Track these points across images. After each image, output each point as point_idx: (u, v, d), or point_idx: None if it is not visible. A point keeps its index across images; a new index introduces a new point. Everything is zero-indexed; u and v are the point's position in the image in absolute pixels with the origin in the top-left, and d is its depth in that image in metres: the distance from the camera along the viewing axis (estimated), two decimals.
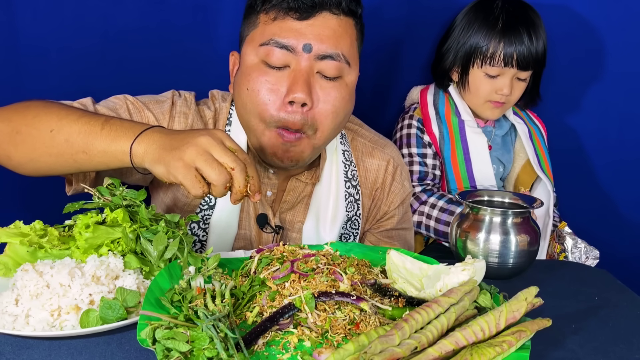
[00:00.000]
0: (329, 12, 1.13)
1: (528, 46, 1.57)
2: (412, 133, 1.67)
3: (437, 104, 1.70)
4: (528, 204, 1.21)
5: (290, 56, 1.12)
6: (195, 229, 1.25)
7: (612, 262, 1.67)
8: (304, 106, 1.12)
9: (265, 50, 1.13)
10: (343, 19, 1.15)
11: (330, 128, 1.17)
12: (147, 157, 0.98)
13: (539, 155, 1.74)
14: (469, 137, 1.66)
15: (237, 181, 0.94)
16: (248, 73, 1.15)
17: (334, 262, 0.99)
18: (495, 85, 1.61)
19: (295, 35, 1.11)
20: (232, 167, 0.93)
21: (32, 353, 0.81)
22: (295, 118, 1.12)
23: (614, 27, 1.81)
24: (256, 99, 1.14)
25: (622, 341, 0.92)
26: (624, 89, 1.87)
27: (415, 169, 1.63)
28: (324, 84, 1.14)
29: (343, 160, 1.33)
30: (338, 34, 1.14)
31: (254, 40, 1.16)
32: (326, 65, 1.13)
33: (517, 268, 1.17)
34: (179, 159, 0.92)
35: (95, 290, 0.88)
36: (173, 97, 1.27)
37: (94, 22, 1.58)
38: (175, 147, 0.94)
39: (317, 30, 1.12)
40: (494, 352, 0.78)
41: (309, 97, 1.12)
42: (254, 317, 0.87)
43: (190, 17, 1.64)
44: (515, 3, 1.62)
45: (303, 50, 1.11)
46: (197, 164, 0.92)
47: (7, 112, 1.11)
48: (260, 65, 1.14)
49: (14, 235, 0.99)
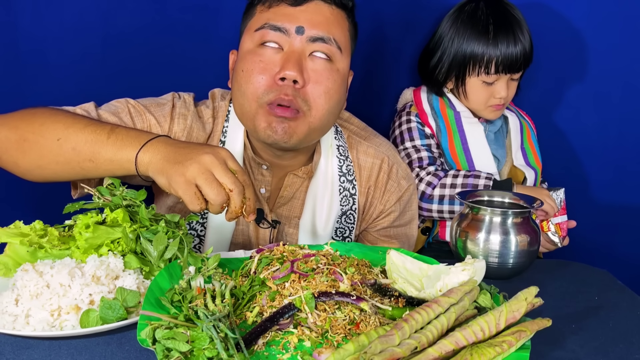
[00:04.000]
0: (322, 0, 1.19)
1: (520, 47, 1.57)
2: (413, 127, 1.66)
3: (432, 100, 1.70)
4: (528, 204, 1.21)
5: (284, 38, 1.17)
6: (193, 223, 1.28)
7: (612, 262, 1.67)
8: (296, 84, 1.16)
9: (260, 34, 1.18)
10: (335, 9, 1.21)
11: (324, 108, 1.20)
12: (151, 166, 1.02)
13: (526, 148, 1.74)
14: (465, 127, 1.66)
15: (234, 202, 0.98)
16: (244, 57, 1.21)
17: (334, 262, 0.99)
18: (492, 91, 1.61)
19: (289, 19, 1.17)
20: (231, 189, 0.97)
21: (32, 353, 0.81)
22: (287, 90, 1.16)
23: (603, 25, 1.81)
24: (250, 77, 1.18)
25: (622, 341, 0.92)
26: (620, 87, 1.87)
27: (424, 155, 1.62)
28: (316, 66, 1.18)
29: (338, 155, 1.35)
30: (330, 20, 1.20)
31: (250, 28, 1.22)
32: (318, 47, 1.18)
33: (517, 268, 1.17)
34: (181, 174, 0.97)
35: (95, 290, 0.88)
36: (173, 100, 1.30)
37: (94, 22, 1.58)
38: (179, 162, 0.98)
39: (309, 15, 1.18)
40: (494, 352, 0.78)
41: (300, 75, 1.15)
42: (254, 317, 0.87)
43: (190, 17, 1.64)
44: (497, 3, 1.61)
45: (296, 33, 1.17)
46: (197, 182, 0.96)
47: (13, 119, 1.14)
48: (255, 49, 1.19)
49: (14, 235, 0.99)
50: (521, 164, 1.71)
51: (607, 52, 1.84)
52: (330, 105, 1.20)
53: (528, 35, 1.59)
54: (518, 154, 1.72)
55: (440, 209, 1.57)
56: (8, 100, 1.60)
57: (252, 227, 1.30)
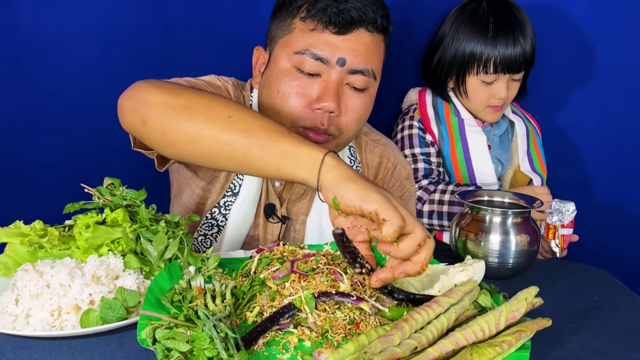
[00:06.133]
0: (365, 29, 1.17)
1: (519, 49, 1.56)
2: (414, 133, 1.67)
3: (436, 104, 1.70)
4: (528, 204, 1.21)
5: (323, 67, 1.16)
6: (215, 213, 1.27)
7: (612, 262, 1.67)
8: (332, 113, 1.17)
9: (299, 58, 1.16)
10: (376, 36, 1.19)
11: (353, 132, 1.23)
12: (338, 172, 0.90)
13: (532, 154, 1.74)
14: (468, 136, 1.66)
15: (427, 255, 0.86)
16: (280, 76, 1.18)
17: (334, 262, 0.99)
18: (492, 91, 1.61)
19: (331, 48, 1.15)
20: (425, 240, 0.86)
21: (32, 353, 0.81)
22: (323, 119, 1.16)
23: (607, 25, 1.81)
24: (287, 101, 1.17)
25: (622, 341, 0.92)
26: (621, 88, 1.87)
27: (420, 167, 1.63)
28: (352, 94, 1.19)
29: (349, 156, 1.38)
30: (370, 50, 1.18)
31: (288, 45, 1.18)
32: (356, 79, 1.17)
33: (517, 268, 1.17)
34: (375, 192, 0.85)
35: (96, 290, 0.88)
36: (222, 82, 1.29)
37: (94, 22, 1.58)
38: (380, 191, 0.87)
39: (351, 45, 1.15)
40: (494, 352, 0.78)
41: (338, 106, 1.16)
42: (254, 317, 0.87)
43: (191, 17, 1.64)
44: (500, 3, 1.61)
45: (337, 64, 1.15)
46: (390, 199, 0.86)
47: (174, 87, 1.04)
48: (293, 71, 1.17)
49: (14, 235, 0.99)
50: (527, 170, 1.71)
51: (611, 54, 1.84)
52: (359, 127, 1.24)
53: (530, 37, 1.58)
54: (524, 160, 1.72)
55: (430, 223, 1.59)
56: (8, 100, 1.60)
57: (261, 221, 1.31)
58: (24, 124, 1.61)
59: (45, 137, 1.64)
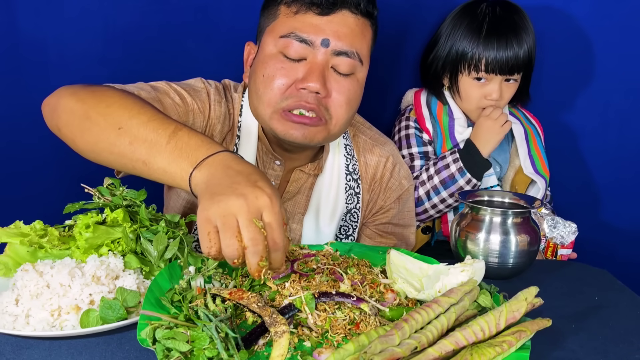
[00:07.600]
0: (348, 10, 1.18)
1: (510, 52, 1.55)
2: (411, 133, 1.67)
3: (430, 103, 1.70)
4: (528, 204, 1.21)
5: (308, 49, 1.17)
6: None
7: (612, 262, 1.67)
8: (318, 94, 1.17)
9: (284, 42, 1.17)
10: (360, 19, 1.20)
11: (344, 118, 1.22)
12: (198, 188, 0.88)
13: (533, 155, 1.73)
14: (457, 136, 1.66)
15: (247, 262, 0.83)
16: (265, 61, 1.20)
17: (334, 262, 0.99)
18: (484, 91, 1.60)
19: (315, 30, 1.16)
20: (245, 246, 0.81)
21: (32, 353, 0.81)
22: (308, 98, 1.17)
23: (609, 26, 1.81)
24: (270, 83, 1.18)
25: (622, 341, 0.92)
26: (623, 88, 1.87)
27: (417, 164, 1.63)
28: (338, 78, 1.19)
29: (345, 154, 1.38)
30: (355, 32, 1.19)
31: (274, 31, 1.20)
32: (341, 61, 1.18)
33: (517, 268, 1.17)
34: (205, 208, 0.83)
35: (96, 290, 0.88)
36: (205, 85, 1.29)
37: (94, 22, 1.58)
38: (213, 193, 0.84)
39: (335, 27, 1.17)
40: (494, 352, 0.78)
41: (323, 87, 1.16)
42: (254, 317, 0.87)
43: (191, 17, 1.64)
44: (501, 6, 1.60)
45: (321, 45, 1.16)
46: (217, 223, 0.82)
47: (85, 92, 1.03)
48: (278, 55, 1.19)
49: (14, 235, 0.99)
50: (531, 172, 1.70)
51: (612, 55, 1.83)
52: (350, 114, 1.23)
53: (526, 42, 1.57)
54: (527, 162, 1.71)
55: (432, 204, 1.59)
56: (8, 100, 1.60)
57: None
58: (24, 124, 1.61)
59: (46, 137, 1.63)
